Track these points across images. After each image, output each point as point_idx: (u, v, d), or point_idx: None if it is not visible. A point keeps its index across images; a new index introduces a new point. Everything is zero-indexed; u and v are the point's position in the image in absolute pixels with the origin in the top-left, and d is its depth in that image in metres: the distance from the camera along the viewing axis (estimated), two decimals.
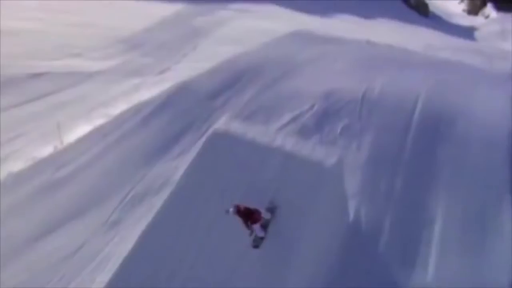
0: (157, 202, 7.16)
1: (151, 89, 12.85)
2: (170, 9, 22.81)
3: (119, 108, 11.39)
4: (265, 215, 7.22)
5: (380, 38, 24.83)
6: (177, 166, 7.77)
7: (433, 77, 11.19)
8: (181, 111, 9.71)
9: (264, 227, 7.29)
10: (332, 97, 9.80)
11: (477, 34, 43.79)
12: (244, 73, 10.97)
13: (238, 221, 6.85)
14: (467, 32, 43.40)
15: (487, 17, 50.96)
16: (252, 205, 6.86)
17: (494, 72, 12.40)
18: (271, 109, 9.24)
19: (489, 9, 52.45)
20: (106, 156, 8.55)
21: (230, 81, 10.66)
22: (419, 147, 8.65)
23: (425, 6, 47.93)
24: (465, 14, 54.86)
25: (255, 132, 7.92)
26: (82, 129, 10.04)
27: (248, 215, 6.99)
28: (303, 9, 29.11)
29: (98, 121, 10.41)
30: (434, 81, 10.84)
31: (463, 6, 56.51)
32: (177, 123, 9.34)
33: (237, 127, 8.03)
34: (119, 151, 8.67)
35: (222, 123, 8.40)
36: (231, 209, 6.84)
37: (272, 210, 7.33)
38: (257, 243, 7.27)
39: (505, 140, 8.79)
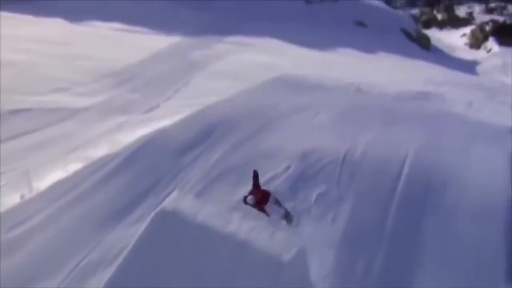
0: (108, 275, 6.35)
1: (134, 130, 12.17)
2: (167, 41, 22.49)
3: (98, 150, 10.70)
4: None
5: (379, 74, 24.53)
6: (134, 234, 6.98)
7: (423, 134, 10.44)
8: (146, 168, 8.91)
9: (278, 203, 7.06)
10: (310, 157, 8.97)
11: (478, 68, 43.57)
12: (218, 125, 10.18)
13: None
14: (469, 66, 43.21)
15: (489, 51, 50.96)
16: None
17: (492, 126, 11.56)
18: (241, 170, 8.43)
19: (491, 43, 52.53)
20: (63, 216, 7.73)
21: (203, 134, 9.86)
22: (403, 218, 7.69)
23: (427, 39, 47.89)
24: (467, 47, 54.92)
25: (208, 212, 7.08)
26: (54, 175, 9.31)
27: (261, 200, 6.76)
28: (303, 42, 28.77)
29: (74, 165, 9.69)
30: (424, 139, 10.02)
31: (465, 39, 56.59)
32: (141, 182, 8.52)
33: (187, 206, 7.20)
34: (77, 211, 7.85)
35: (172, 199, 7.59)
36: (249, 197, 6.70)
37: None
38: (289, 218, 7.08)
39: (502, 210, 7.83)
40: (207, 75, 18.01)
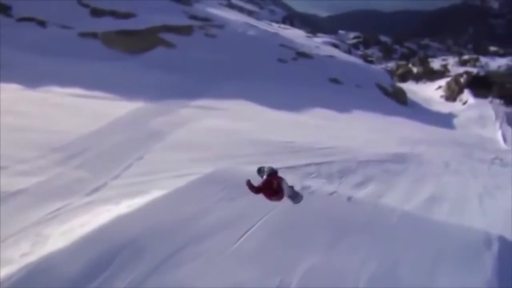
0: None
1: (69, 219, 10.76)
2: (127, 108, 21.30)
3: (16, 250, 9.18)
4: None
5: (352, 135, 23.60)
6: None
7: (378, 255, 8.90)
8: None
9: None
10: None
11: (455, 121, 43.44)
12: (119, 252, 8.51)
13: None
14: (446, 119, 43.01)
15: (464, 103, 51.27)
16: None
17: (468, 233, 10.29)
18: None
19: (467, 95, 52.99)
20: None
21: (99, 264, 8.28)
22: None
23: (403, 94, 47.99)
24: (443, 100, 55.34)
25: None
26: None
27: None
28: (275, 104, 28.00)
29: None
30: (377, 264, 8.55)
31: (441, 92, 57.05)
32: None
33: None
34: None
35: None
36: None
37: None
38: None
39: None
40: (164, 146, 16.72)
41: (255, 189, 6.78)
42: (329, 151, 19.83)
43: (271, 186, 6.81)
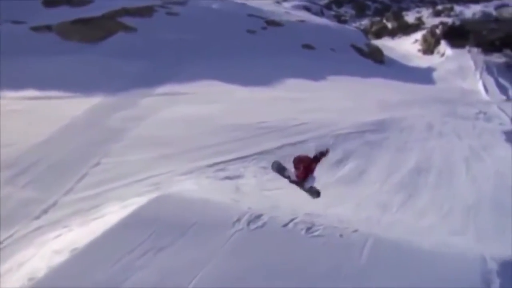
0: None
1: (13, 253, 9.52)
2: (84, 105, 19.70)
3: None
4: None
5: (328, 107, 22.32)
6: None
7: None
8: None
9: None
10: None
11: (435, 75, 42.43)
12: None
13: None
14: (425, 74, 41.98)
15: (442, 55, 50.17)
16: None
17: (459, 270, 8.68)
18: None
19: (444, 47, 51.86)
20: None
21: None
22: None
23: (379, 52, 46.65)
24: (420, 54, 54.11)
25: None
26: None
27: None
28: (246, 79, 26.53)
29: None
30: None
31: (418, 46, 55.84)
32: None
33: None
34: None
35: None
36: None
37: None
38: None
39: None
40: (124, 146, 15.34)
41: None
42: (304, 127, 18.67)
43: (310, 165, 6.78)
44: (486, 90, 32.74)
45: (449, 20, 56.08)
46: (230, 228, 8.78)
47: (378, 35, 64.29)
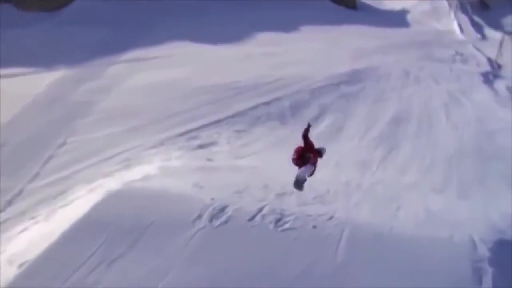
0: None
1: None
2: (47, 80, 18.68)
3: None
4: None
5: (302, 60, 21.64)
6: None
7: None
8: None
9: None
10: None
11: (409, 17, 41.61)
12: None
13: None
14: (399, 17, 41.13)
15: None
16: None
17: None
18: None
19: None
20: None
21: None
22: None
23: None
24: None
25: None
26: None
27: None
28: (214, 38, 25.54)
29: None
30: None
31: None
32: None
33: None
34: None
35: None
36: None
37: None
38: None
39: None
40: (91, 122, 14.64)
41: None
42: (278, 84, 18.07)
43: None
44: (461, 29, 32.24)
45: None
46: (191, 227, 8.06)
47: None
